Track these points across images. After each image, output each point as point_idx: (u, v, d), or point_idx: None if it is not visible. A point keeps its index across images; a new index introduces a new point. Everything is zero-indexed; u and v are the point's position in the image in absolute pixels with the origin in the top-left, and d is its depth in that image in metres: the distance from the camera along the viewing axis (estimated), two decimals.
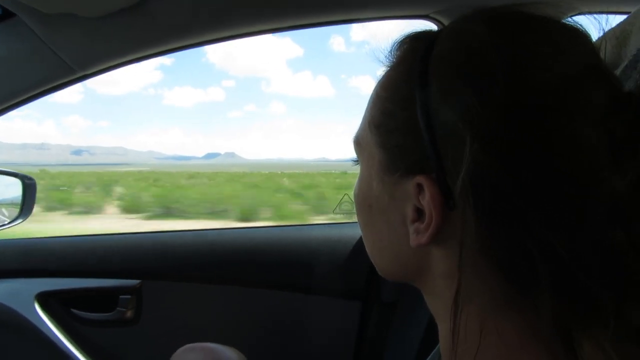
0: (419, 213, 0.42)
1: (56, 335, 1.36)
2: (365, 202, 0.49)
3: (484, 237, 0.38)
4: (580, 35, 0.40)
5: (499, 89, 0.36)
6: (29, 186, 1.37)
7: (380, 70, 0.48)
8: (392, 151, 0.44)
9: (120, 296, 1.37)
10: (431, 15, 1.13)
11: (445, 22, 1.12)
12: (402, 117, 0.42)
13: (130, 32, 1.03)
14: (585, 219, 0.35)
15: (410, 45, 0.46)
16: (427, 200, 0.40)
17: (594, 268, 0.35)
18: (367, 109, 0.49)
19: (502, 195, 0.36)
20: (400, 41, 0.47)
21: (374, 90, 0.48)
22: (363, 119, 0.49)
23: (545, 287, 0.36)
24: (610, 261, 0.35)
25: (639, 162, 0.35)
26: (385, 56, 0.48)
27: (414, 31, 0.47)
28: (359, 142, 0.50)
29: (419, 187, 0.41)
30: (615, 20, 0.53)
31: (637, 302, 0.35)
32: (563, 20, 0.41)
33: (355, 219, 0.55)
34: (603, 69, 0.39)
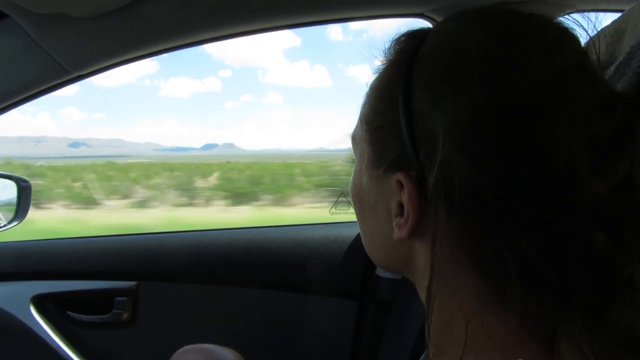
0: (402, 208, 0.43)
1: (52, 338, 1.35)
2: (357, 195, 0.51)
3: (457, 232, 0.39)
4: (568, 35, 0.41)
5: (476, 88, 0.37)
6: (24, 188, 1.36)
7: (376, 68, 0.49)
8: (379, 148, 0.45)
9: (116, 298, 1.37)
10: (426, 13, 1.13)
11: (440, 20, 1.12)
12: (388, 115, 0.44)
13: (124, 32, 1.02)
14: (561, 219, 0.36)
15: (401, 45, 0.47)
16: (405, 195, 0.42)
17: (570, 269, 0.35)
18: (361, 106, 0.50)
19: (472, 192, 0.37)
20: (395, 40, 0.48)
21: (367, 88, 0.49)
22: (358, 117, 0.51)
23: (516, 285, 0.37)
24: (592, 263, 0.35)
25: (623, 165, 0.35)
26: (380, 55, 0.48)
27: (408, 30, 0.47)
28: (354, 138, 0.52)
29: (400, 183, 0.42)
30: (610, 18, 0.53)
31: (621, 305, 0.35)
32: (556, 19, 0.41)
33: (351, 218, 0.56)
34: (590, 70, 0.39)
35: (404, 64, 0.43)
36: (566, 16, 0.42)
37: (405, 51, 0.44)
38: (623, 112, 0.36)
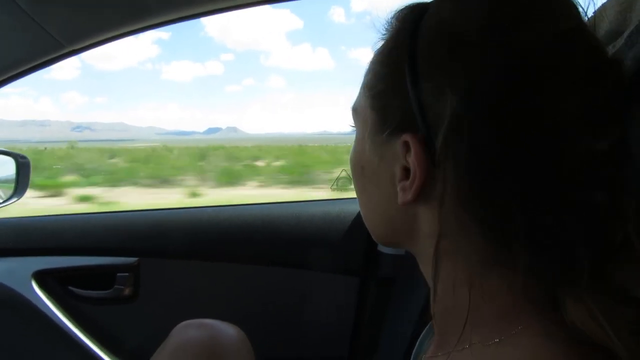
0: (407, 172, 0.44)
1: (54, 313, 1.36)
2: (358, 164, 0.52)
3: (464, 193, 0.39)
4: (566, 2, 0.41)
5: (478, 52, 0.38)
6: (22, 165, 1.36)
7: (378, 40, 0.50)
8: (382, 112, 0.46)
9: (118, 274, 1.38)
10: None
11: None
12: (392, 78, 0.44)
13: (119, 5, 0.99)
14: (561, 178, 0.37)
15: (405, 14, 0.48)
16: (412, 157, 0.42)
17: (572, 227, 0.36)
18: (364, 75, 0.51)
19: (479, 151, 0.38)
20: (398, 11, 0.48)
21: (371, 58, 0.50)
22: (360, 87, 0.51)
23: (522, 243, 0.37)
24: (593, 222, 0.36)
25: (613, 131, 0.37)
26: (383, 26, 0.49)
27: (411, 3, 0.48)
28: (356, 109, 0.52)
29: (406, 146, 0.42)
30: None
31: (618, 263, 0.36)
32: None
33: (353, 195, 0.57)
34: (585, 36, 0.39)
35: (409, 30, 0.44)
36: None
37: (409, 20, 0.45)
38: (616, 79, 0.38)
